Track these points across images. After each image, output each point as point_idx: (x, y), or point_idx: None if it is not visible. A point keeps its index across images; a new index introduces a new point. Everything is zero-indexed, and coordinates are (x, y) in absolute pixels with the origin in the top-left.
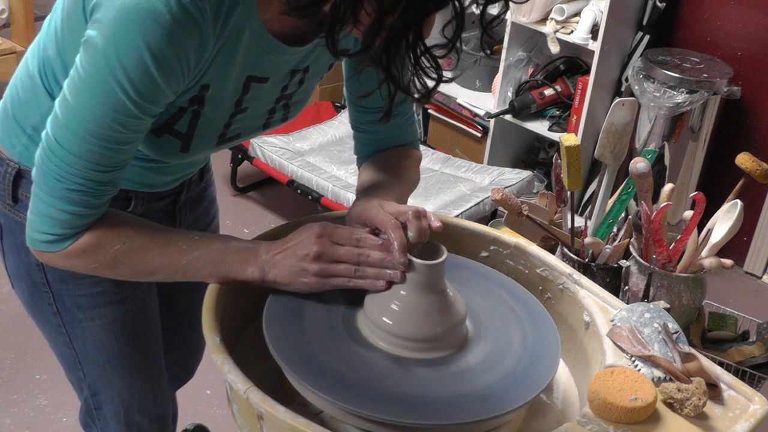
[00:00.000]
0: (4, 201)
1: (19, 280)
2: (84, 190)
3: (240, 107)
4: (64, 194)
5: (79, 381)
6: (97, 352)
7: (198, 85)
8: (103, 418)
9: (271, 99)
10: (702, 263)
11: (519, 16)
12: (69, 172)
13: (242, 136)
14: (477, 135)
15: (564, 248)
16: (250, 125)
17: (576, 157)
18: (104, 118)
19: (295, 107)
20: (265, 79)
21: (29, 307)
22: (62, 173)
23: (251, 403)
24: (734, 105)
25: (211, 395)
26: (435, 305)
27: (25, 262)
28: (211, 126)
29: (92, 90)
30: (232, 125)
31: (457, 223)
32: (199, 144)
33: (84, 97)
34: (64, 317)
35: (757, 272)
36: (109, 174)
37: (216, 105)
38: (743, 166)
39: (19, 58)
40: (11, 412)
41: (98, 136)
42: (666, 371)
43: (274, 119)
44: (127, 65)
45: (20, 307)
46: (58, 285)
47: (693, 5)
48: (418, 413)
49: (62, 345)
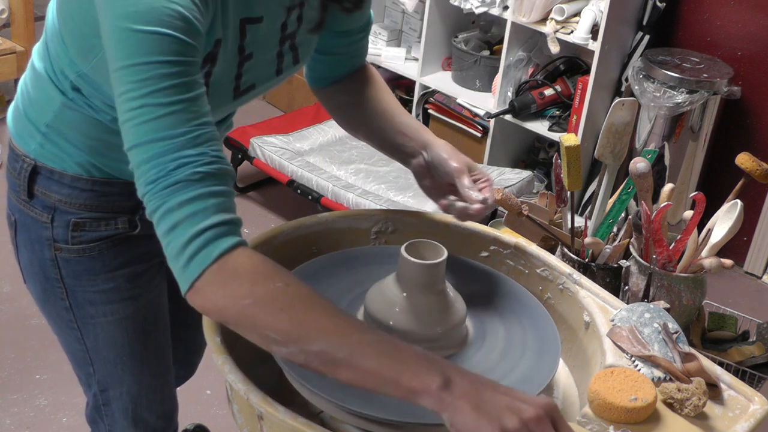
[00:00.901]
0: (20, 197)
1: (32, 276)
2: (192, 159)
3: (244, 54)
4: (184, 178)
5: (88, 377)
6: (108, 349)
7: (212, 40)
8: (111, 414)
9: (273, 41)
10: (702, 263)
11: (519, 16)
12: (165, 158)
13: (258, 86)
14: (477, 135)
15: (564, 248)
16: (263, 73)
17: (576, 157)
18: (156, 67)
19: (303, 48)
20: (259, 19)
21: (41, 302)
22: (162, 167)
23: (251, 403)
24: (734, 105)
25: (211, 395)
26: (435, 305)
27: (39, 258)
28: (222, 82)
29: (139, 51)
30: (243, 76)
31: (457, 223)
32: (216, 100)
33: (132, 68)
34: (77, 313)
35: (757, 272)
36: (198, 129)
37: (223, 59)
38: (743, 166)
39: (19, 58)
40: (11, 412)
41: (161, 93)
42: (666, 371)
43: (285, 64)
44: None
45: (20, 307)
46: (71, 281)
47: (693, 5)
48: (418, 413)
49: (73, 341)
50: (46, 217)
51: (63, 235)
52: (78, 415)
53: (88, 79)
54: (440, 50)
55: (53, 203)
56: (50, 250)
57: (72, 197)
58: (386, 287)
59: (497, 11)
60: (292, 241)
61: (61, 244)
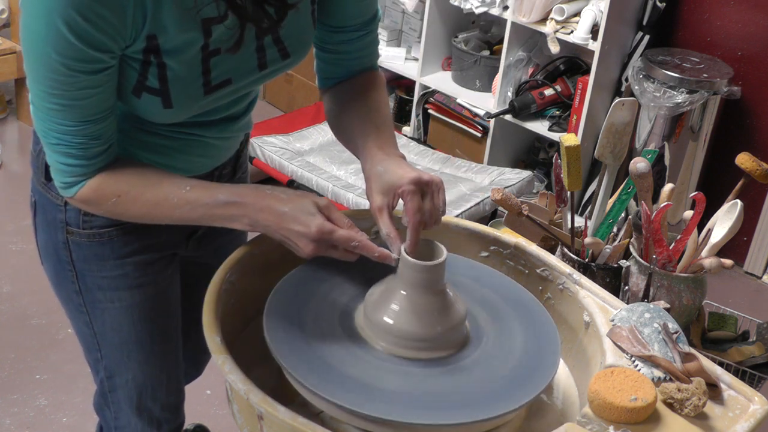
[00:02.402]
0: (39, 179)
1: (48, 257)
2: (64, 143)
3: (209, 50)
4: (53, 148)
5: (96, 362)
6: (114, 335)
7: (141, 37)
8: (117, 402)
9: (248, 36)
10: (702, 263)
11: (519, 16)
12: (46, 128)
13: (236, 80)
14: (477, 135)
15: (564, 248)
16: (240, 67)
17: (576, 157)
18: (46, 78)
19: (291, 42)
20: (219, 18)
21: (54, 283)
22: (42, 130)
23: (251, 403)
24: (734, 105)
25: (211, 395)
26: (435, 305)
27: (54, 240)
28: (183, 76)
29: (30, 52)
30: (213, 71)
31: (457, 223)
32: (182, 97)
33: (27, 59)
34: (86, 297)
35: (757, 272)
36: (82, 127)
37: (174, 54)
38: (743, 166)
39: (19, 58)
40: (11, 412)
41: (50, 94)
42: (666, 371)
43: (269, 58)
44: (52, 41)
45: (20, 307)
46: (81, 264)
47: (693, 5)
48: (418, 413)
49: (82, 324)
50: (60, 200)
51: (75, 219)
52: (78, 415)
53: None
54: (440, 50)
55: None
56: (63, 232)
57: None
58: (386, 287)
59: (497, 11)
60: None
61: (73, 227)
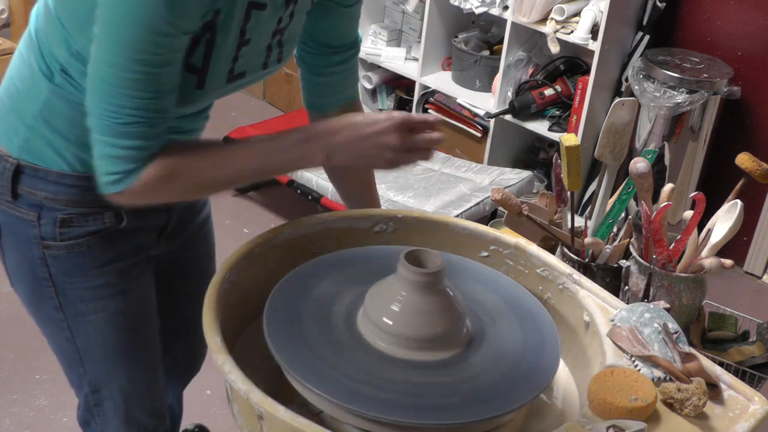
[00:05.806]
0: (4, 198)
1: (20, 278)
2: (136, 121)
3: (244, 38)
4: (118, 130)
5: (80, 377)
6: (99, 347)
7: (212, 9)
8: (103, 414)
9: (268, 31)
10: (702, 263)
11: (519, 16)
12: (118, 105)
13: (247, 74)
14: (477, 135)
15: (564, 248)
16: (253, 62)
17: (576, 157)
18: (138, 42)
19: (287, 46)
20: (263, 5)
21: (30, 304)
22: (112, 109)
23: (251, 403)
24: (734, 105)
25: (211, 395)
26: (435, 305)
27: (28, 257)
28: (222, 58)
29: (123, 15)
30: (239, 59)
31: (457, 223)
32: (213, 80)
33: (115, 26)
34: (67, 311)
35: (757, 272)
36: (156, 100)
37: (225, 33)
38: (743, 166)
39: None
40: (11, 412)
41: (136, 61)
42: (666, 371)
43: (271, 58)
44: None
45: (20, 307)
46: (61, 278)
47: (693, 5)
48: (418, 413)
49: (63, 341)
50: (33, 216)
51: (51, 232)
52: None
53: (81, 57)
54: (440, 50)
55: (39, 201)
56: (38, 248)
57: (58, 193)
58: (386, 287)
59: (497, 11)
60: (292, 241)
61: (50, 241)
